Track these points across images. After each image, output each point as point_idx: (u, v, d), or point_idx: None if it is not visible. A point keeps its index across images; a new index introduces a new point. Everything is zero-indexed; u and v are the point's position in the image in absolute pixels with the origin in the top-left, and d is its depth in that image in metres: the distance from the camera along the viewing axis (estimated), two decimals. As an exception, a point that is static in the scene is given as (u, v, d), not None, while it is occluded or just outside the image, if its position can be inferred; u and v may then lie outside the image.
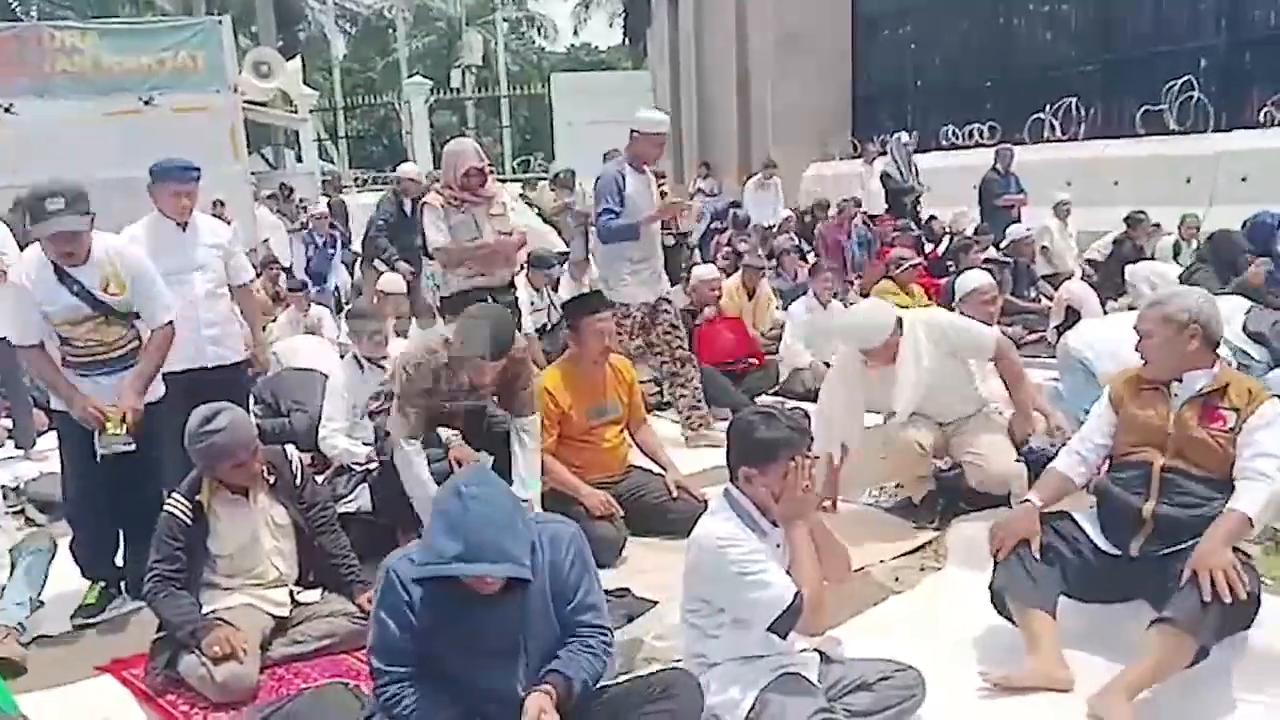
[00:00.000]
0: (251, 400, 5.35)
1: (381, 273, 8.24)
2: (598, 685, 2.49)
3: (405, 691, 2.36)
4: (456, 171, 5.37)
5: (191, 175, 4.46)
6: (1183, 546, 2.87)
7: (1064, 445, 3.38)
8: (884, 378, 4.19)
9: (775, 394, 6.67)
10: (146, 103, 13.19)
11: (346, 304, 8.63)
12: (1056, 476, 3.20)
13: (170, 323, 3.89)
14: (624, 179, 5.49)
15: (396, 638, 2.39)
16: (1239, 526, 2.83)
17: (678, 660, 2.87)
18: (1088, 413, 3.34)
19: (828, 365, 6.85)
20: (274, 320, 8.10)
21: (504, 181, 11.59)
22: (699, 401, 5.80)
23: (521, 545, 2.32)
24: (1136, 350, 3.10)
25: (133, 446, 3.65)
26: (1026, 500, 3.16)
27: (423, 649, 2.40)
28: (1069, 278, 8.86)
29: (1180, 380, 3.03)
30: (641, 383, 6.74)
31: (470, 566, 2.26)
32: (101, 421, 3.65)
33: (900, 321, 4.16)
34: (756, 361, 7.02)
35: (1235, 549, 2.85)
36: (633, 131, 5.59)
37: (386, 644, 2.40)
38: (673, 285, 6.26)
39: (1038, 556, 3.02)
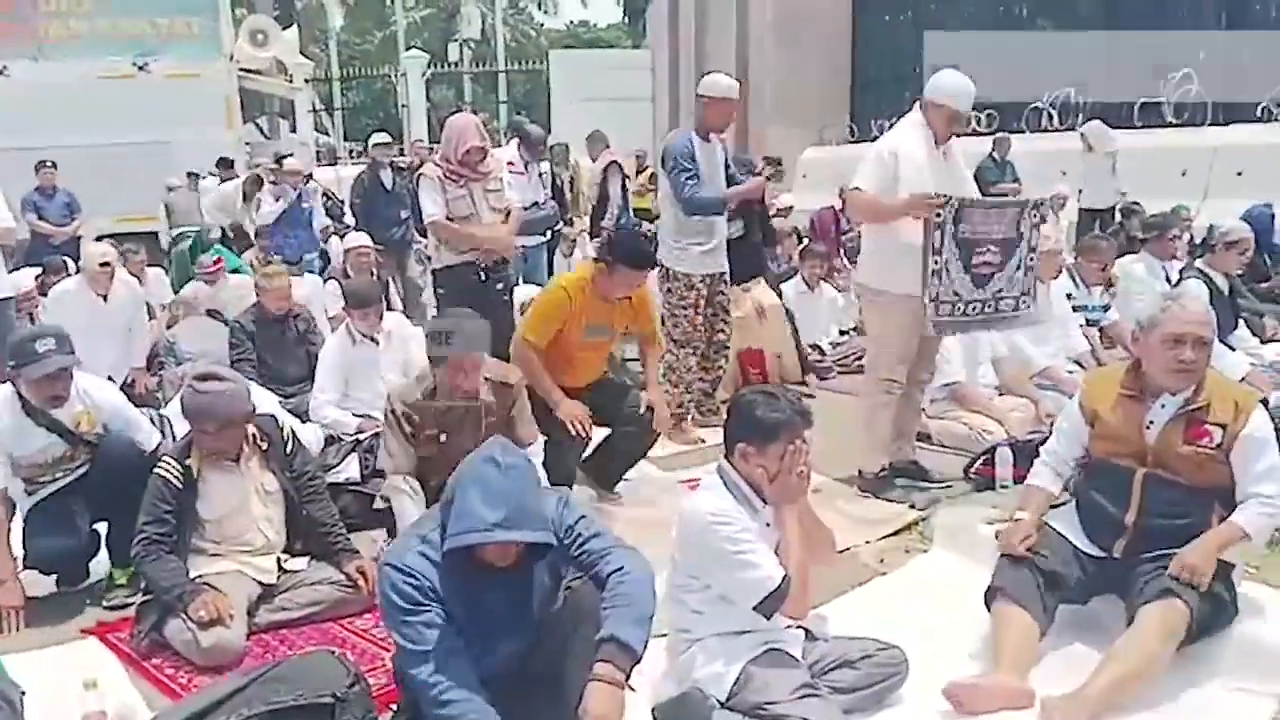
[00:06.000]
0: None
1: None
2: (651, 616, 2.42)
3: (473, 707, 2.30)
4: (457, 148, 5.33)
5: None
6: (1168, 551, 2.88)
7: (1048, 437, 3.41)
8: None
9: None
10: (140, 68, 13.09)
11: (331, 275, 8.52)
12: (1040, 493, 3.23)
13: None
14: (693, 146, 5.23)
15: (435, 633, 2.33)
16: (1235, 538, 2.86)
17: (663, 634, 2.89)
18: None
19: (815, 348, 6.90)
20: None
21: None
22: (714, 391, 5.70)
23: (548, 513, 2.41)
24: (1181, 366, 2.91)
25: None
26: (1021, 517, 3.16)
27: (447, 631, 2.37)
28: (1062, 266, 8.87)
29: (1171, 393, 2.96)
30: (631, 360, 6.76)
31: (513, 533, 2.28)
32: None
33: None
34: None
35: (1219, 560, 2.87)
36: (699, 97, 5.37)
37: (428, 645, 2.32)
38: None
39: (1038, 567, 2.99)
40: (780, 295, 6.74)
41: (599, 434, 4.46)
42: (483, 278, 5.48)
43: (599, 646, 2.32)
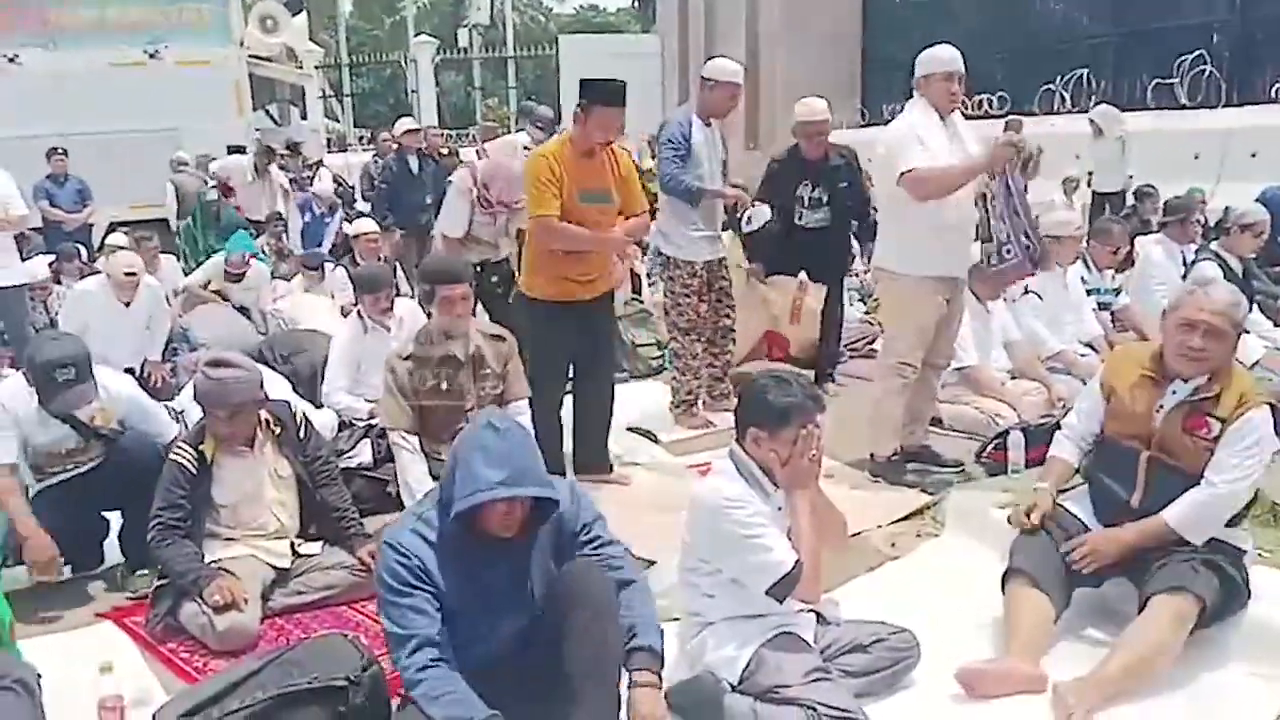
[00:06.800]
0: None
1: (387, 232, 8.17)
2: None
3: (445, 679, 2.32)
4: (503, 192, 5.46)
5: None
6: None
7: (1063, 418, 3.40)
8: None
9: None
10: (151, 55, 13.10)
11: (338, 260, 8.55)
12: (1062, 463, 3.23)
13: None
14: (689, 128, 5.10)
15: (419, 618, 2.34)
16: (1157, 533, 2.88)
17: (675, 618, 2.90)
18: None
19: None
20: (285, 279, 8.09)
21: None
22: (724, 376, 5.67)
23: (553, 482, 2.45)
24: (1188, 353, 2.90)
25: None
26: (1043, 487, 3.16)
27: (444, 611, 2.38)
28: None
29: (1183, 379, 2.95)
30: (642, 345, 6.74)
31: (515, 489, 2.31)
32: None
33: None
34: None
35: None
36: (704, 80, 5.21)
37: (410, 630, 2.33)
38: None
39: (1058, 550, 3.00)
40: (840, 295, 6.29)
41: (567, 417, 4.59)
42: (478, 269, 5.56)
43: (632, 655, 2.40)
